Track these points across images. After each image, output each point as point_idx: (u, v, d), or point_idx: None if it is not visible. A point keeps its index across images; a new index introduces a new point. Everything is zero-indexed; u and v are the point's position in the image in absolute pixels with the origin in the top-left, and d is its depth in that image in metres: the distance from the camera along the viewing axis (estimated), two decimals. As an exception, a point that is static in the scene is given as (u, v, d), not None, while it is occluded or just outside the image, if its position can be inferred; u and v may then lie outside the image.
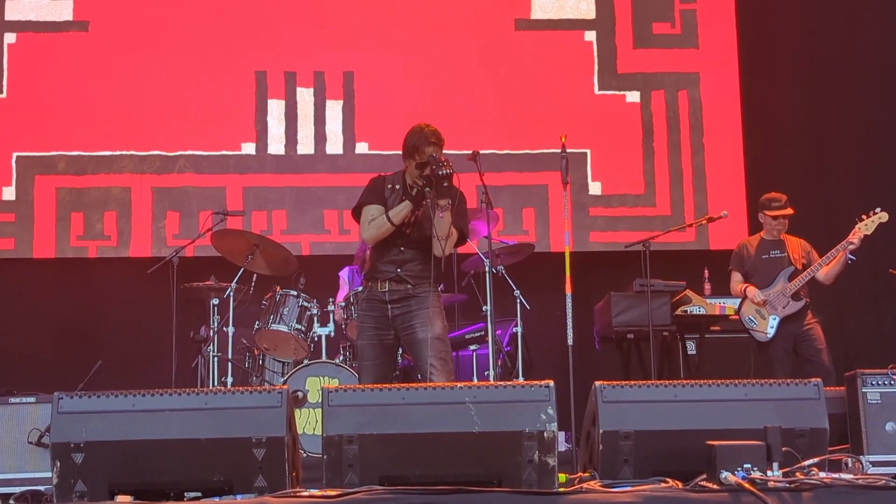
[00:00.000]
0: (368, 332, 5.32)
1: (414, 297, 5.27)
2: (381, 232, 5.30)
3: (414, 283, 5.28)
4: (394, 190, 5.38)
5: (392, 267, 5.31)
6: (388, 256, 5.33)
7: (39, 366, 8.06)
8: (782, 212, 7.11)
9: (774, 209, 7.12)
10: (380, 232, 5.30)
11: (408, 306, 5.26)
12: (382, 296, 5.30)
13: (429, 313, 5.22)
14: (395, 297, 5.28)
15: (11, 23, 8.69)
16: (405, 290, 5.28)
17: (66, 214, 8.53)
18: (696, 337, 7.80)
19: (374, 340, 5.30)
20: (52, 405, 4.17)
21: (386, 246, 5.36)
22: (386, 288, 5.30)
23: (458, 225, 5.34)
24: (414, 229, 5.31)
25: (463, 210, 5.44)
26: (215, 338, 7.08)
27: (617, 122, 8.87)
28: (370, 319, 5.32)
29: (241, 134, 8.71)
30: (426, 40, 8.85)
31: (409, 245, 5.32)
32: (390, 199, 5.35)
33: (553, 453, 4.07)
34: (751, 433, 4.07)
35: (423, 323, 5.21)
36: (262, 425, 4.13)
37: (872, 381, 6.28)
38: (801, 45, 9.07)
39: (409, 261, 5.31)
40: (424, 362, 5.16)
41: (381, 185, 5.42)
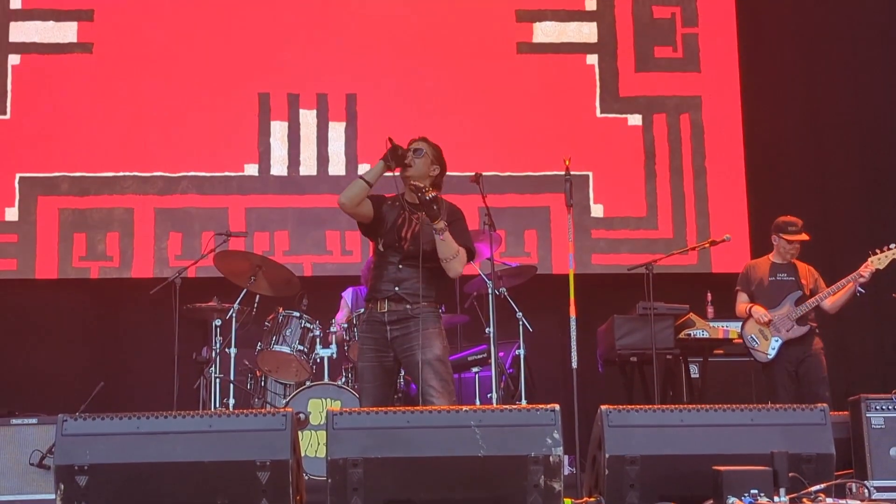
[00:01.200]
0: (368, 353, 5.26)
1: (413, 317, 5.18)
2: (355, 188, 5.21)
3: (412, 303, 5.19)
4: (393, 206, 5.35)
5: (390, 285, 5.23)
6: (386, 275, 5.26)
7: (41, 387, 8.03)
8: (798, 237, 7.10)
9: (791, 233, 7.10)
10: (351, 188, 5.22)
11: (406, 328, 5.19)
12: (381, 317, 5.23)
13: (428, 334, 5.14)
14: (394, 318, 5.20)
15: (16, 44, 8.71)
16: (404, 311, 5.20)
17: (69, 235, 8.52)
18: (700, 360, 7.78)
19: (374, 363, 5.23)
20: (56, 427, 4.17)
21: (383, 264, 5.30)
22: (385, 308, 5.22)
23: (460, 243, 5.27)
24: (411, 244, 5.24)
25: (462, 227, 5.38)
26: (217, 359, 7.06)
27: (619, 145, 8.88)
28: (370, 341, 5.26)
29: (243, 155, 8.72)
30: (429, 63, 8.88)
31: (406, 262, 5.24)
32: (388, 215, 5.32)
33: (559, 478, 4.06)
34: (757, 458, 4.07)
35: (422, 344, 5.13)
36: (266, 448, 4.12)
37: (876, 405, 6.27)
38: (802, 68, 9.10)
39: (406, 279, 5.22)
40: (424, 384, 5.10)
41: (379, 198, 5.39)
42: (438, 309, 5.36)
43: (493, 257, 6.76)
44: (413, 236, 5.25)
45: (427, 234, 5.20)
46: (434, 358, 5.12)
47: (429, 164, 5.35)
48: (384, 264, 5.30)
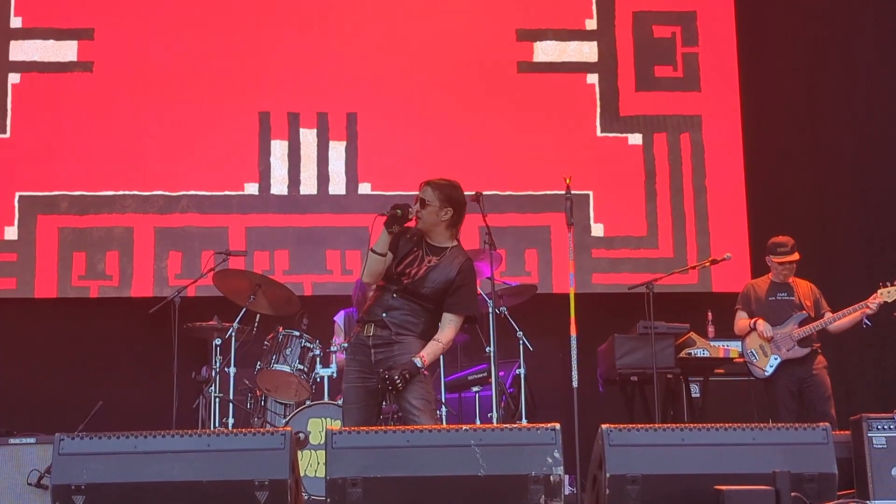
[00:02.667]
0: (352, 374, 5.18)
1: (396, 343, 5.12)
2: (371, 265, 5.13)
3: (396, 332, 5.12)
4: (410, 240, 5.25)
5: (379, 311, 5.17)
6: (379, 300, 5.21)
7: (39, 406, 8.01)
8: (788, 258, 7.11)
9: (780, 255, 7.11)
10: (369, 265, 5.13)
11: (390, 351, 5.11)
12: (367, 340, 5.16)
13: (410, 358, 5.05)
14: (379, 342, 5.13)
15: (16, 63, 8.72)
16: (388, 337, 5.13)
17: (68, 254, 8.51)
18: (700, 380, 7.76)
19: (358, 384, 5.15)
20: (53, 446, 4.15)
21: (382, 290, 5.23)
22: (371, 332, 5.16)
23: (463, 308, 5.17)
24: (412, 282, 5.15)
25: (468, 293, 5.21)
26: (217, 378, 7.03)
27: (619, 165, 8.88)
28: (355, 363, 5.19)
29: (244, 174, 8.72)
30: (429, 82, 8.88)
31: (402, 294, 5.16)
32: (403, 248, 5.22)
33: (559, 497, 4.04)
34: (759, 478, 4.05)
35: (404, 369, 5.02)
36: (265, 468, 4.11)
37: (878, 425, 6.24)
38: (802, 88, 9.11)
39: (396, 308, 5.15)
40: (406, 402, 5.02)
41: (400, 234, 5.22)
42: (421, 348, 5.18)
43: (493, 276, 6.76)
44: (417, 276, 5.15)
45: (433, 279, 5.13)
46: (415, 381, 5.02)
47: (436, 210, 5.17)
48: (383, 290, 5.23)
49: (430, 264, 5.18)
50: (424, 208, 5.16)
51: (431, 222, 5.19)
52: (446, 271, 5.16)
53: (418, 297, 5.15)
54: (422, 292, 5.14)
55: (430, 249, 5.22)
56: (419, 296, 5.14)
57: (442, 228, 5.21)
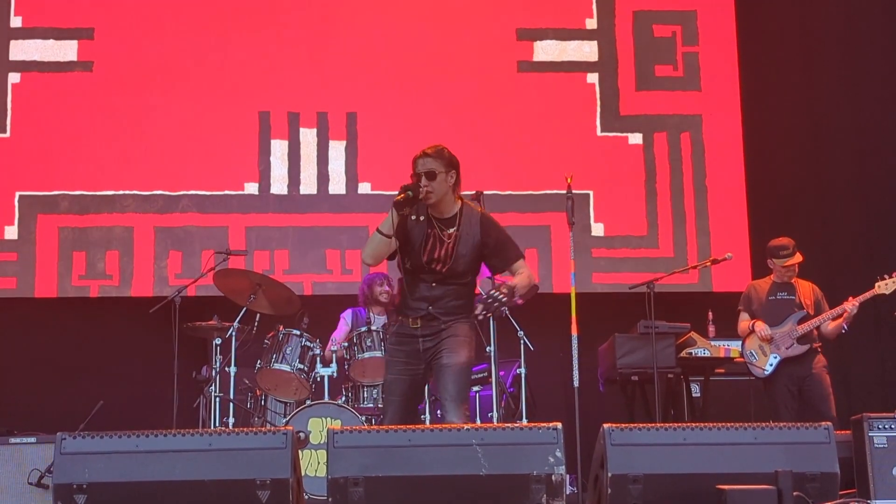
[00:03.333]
0: (398, 366, 5.10)
1: (444, 329, 5.05)
2: (377, 246, 5.03)
3: (445, 320, 5.05)
4: (418, 221, 5.10)
5: (423, 304, 5.06)
6: (418, 293, 5.08)
7: (40, 406, 8.01)
8: (790, 261, 7.10)
9: (783, 258, 7.11)
10: (375, 246, 5.04)
11: (438, 337, 5.04)
12: (414, 331, 5.07)
13: (457, 341, 5.00)
14: (427, 332, 5.06)
15: (16, 62, 8.72)
16: (437, 326, 5.05)
17: (68, 254, 8.51)
18: (701, 379, 7.76)
19: (404, 375, 5.07)
20: (54, 445, 4.14)
21: (415, 282, 5.10)
22: (418, 325, 5.06)
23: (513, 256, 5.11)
24: (444, 265, 5.05)
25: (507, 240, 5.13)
26: (217, 378, 7.03)
27: (619, 164, 8.88)
28: (401, 354, 5.10)
29: (244, 174, 8.72)
30: (429, 81, 8.88)
31: (441, 282, 5.06)
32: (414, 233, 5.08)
33: (561, 497, 4.04)
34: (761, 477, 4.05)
35: (450, 349, 5.00)
36: (266, 467, 4.10)
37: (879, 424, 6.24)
38: (803, 87, 9.10)
39: (439, 297, 5.05)
40: (442, 387, 4.99)
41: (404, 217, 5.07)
42: (468, 317, 5.13)
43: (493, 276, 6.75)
44: (447, 257, 5.05)
45: (463, 253, 5.04)
46: (457, 364, 4.98)
47: (444, 177, 5.04)
48: (416, 282, 5.10)
49: (453, 239, 5.06)
50: (434, 179, 5.00)
51: (443, 191, 5.04)
52: (470, 237, 5.07)
53: (457, 277, 5.07)
54: (459, 271, 5.06)
55: (443, 223, 5.09)
56: (458, 275, 5.07)
57: (449, 195, 5.09)
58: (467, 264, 5.08)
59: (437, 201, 5.06)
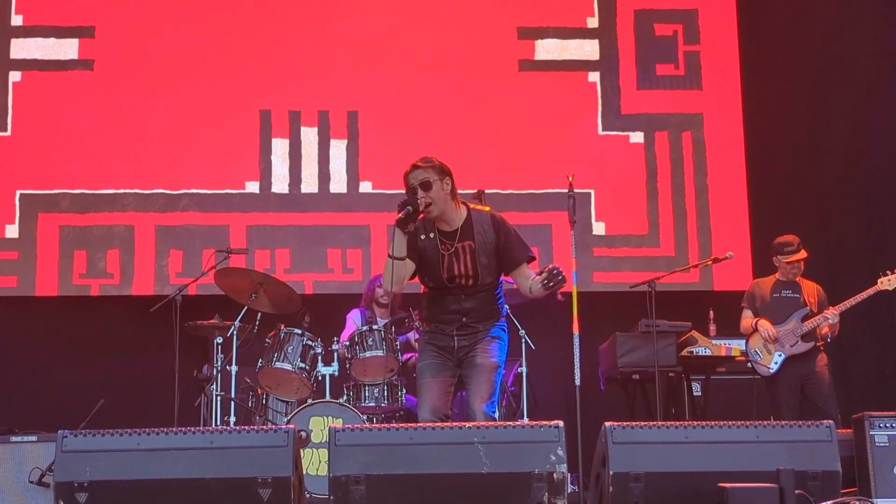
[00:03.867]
0: (431, 352, 5.09)
1: (481, 331, 5.08)
2: (396, 272, 4.92)
3: (483, 326, 5.08)
4: (428, 239, 5.07)
5: (457, 316, 5.06)
6: (450, 306, 5.07)
7: (41, 404, 8.01)
8: (795, 257, 7.09)
9: (787, 254, 7.09)
10: (394, 273, 4.92)
11: (473, 337, 5.06)
12: (451, 332, 5.07)
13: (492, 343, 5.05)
14: (462, 334, 5.07)
15: (17, 61, 8.72)
16: (472, 330, 5.07)
17: (69, 252, 8.51)
18: (702, 378, 7.76)
19: (437, 360, 5.06)
20: (56, 443, 4.13)
21: (443, 297, 5.09)
22: (454, 331, 5.07)
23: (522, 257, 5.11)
24: (471, 280, 5.03)
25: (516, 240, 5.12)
26: (218, 377, 7.03)
27: (621, 163, 8.88)
28: (434, 347, 5.09)
29: (245, 172, 8.72)
30: (430, 80, 8.88)
31: (471, 295, 5.07)
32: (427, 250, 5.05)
33: (563, 495, 4.04)
34: (762, 475, 4.05)
35: (484, 351, 5.02)
36: (268, 465, 4.09)
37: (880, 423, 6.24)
38: (804, 86, 9.10)
39: (472, 309, 5.06)
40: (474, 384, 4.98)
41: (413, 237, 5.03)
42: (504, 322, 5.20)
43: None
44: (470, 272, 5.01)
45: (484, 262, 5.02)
46: (491, 365, 5.00)
47: (440, 187, 4.98)
48: (443, 296, 5.09)
49: (468, 251, 5.03)
50: (430, 189, 4.94)
51: (442, 199, 4.98)
52: (487, 242, 5.04)
53: (486, 286, 5.08)
54: (488, 281, 5.07)
55: (454, 236, 5.04)
56: (487, 285, 5.07)
57: (450, 202, 5.03)
58: (491, 270, 5.08)
59: (440, 212, 5.01)
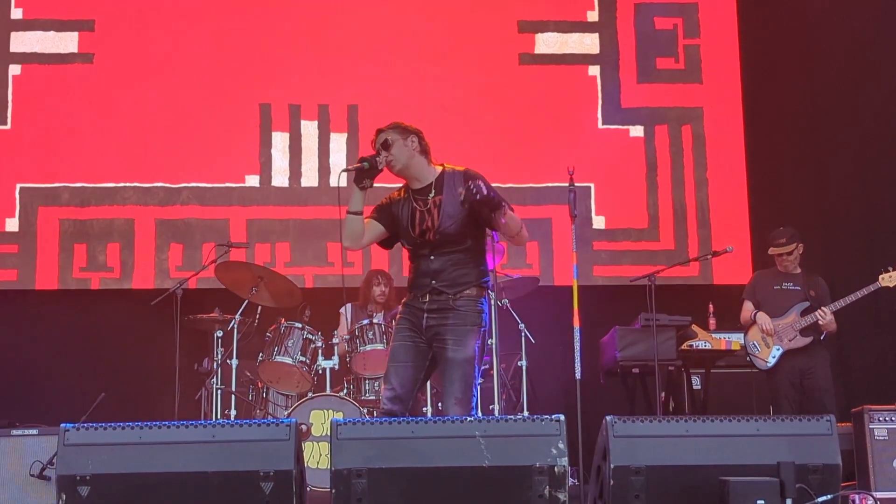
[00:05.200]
0: (403, 332, 4.99)
1: (453, 309, 4.91)
2: (349, 225, 4.96)
3: (454, 293, 4.92)
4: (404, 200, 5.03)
5: (427, 279, 4.96)
6: (421, 268, 4.99)
7: (42, 398, 8.01)
8: (781, 249, 7.09)
9: (778, 245, 7.11)
10: (347, 227, 4.97)
11: (444, 318, 4.91)
12: (422, 304, 4.95)
13: (464, 331, 4.89)
14: (434, 307, 4.93)
15: (17, 54, 8.72)
16: (445, 301, 4.92)
17: (69, 246, 8.52)
18: (702, 372, 7.77)
19: (409, 342, 4.97)
20: (58, 437, 4.13)
21: (416, 260, 5.02)
22: (426, 299, 4.95)
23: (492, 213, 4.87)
24: (436, 233, 4.93)
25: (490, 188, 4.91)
26: (219, 370, 7.04)
27: (621, 157, 8.89)
28: (406, 323, 4.99)
29: (245, 166, 8.72)
30: (430, 74, 8.88)
31: (438, 252, 4.95)
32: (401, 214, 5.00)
33: (564, 488, 4.04)
34: (763, 469, 4.04)
35: (456, 342, 4.88)
36: (270, 458, 4.09)
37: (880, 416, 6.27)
38: (803, 79, 9.10)
39: (441, 269, 4.93)
40: (449, 384, 4.89)
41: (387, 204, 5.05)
42: (482, 297, 5.01)
43: (495, 269, 6.75)
44: (437, 225, 4.92)
45: (451, 213, 4.91)
46: (464, 359, 4.88)
47: (402, 143, 4.95)
48: (416, 260, 5.03)
49: (437, 204, 4.95)
50: (390, 148, 4.94)
51: (406, 156, 4.96)
52: (454, 195, 4.93)
53: (453, 243, 4.95)
54: (450, 234, 4.92)
55: (423, 192, 4.99)
56: (452, 240, 4.94)
57: (418, 158, 4.99)
58: (459, 226, 4.93)
59: (404, 167, 4.98)
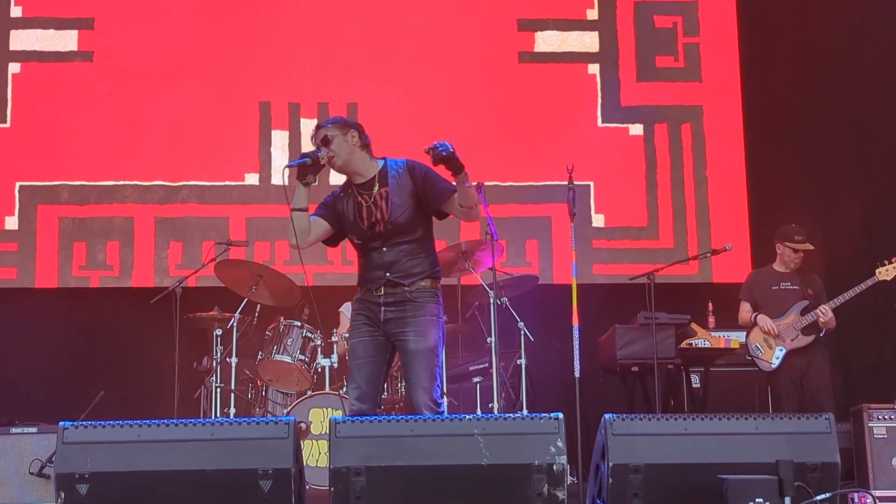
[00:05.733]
0: (361, 328, 5.00)
1: (410, 301, 4.94)
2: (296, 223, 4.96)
3: (409, 284, 4.94)
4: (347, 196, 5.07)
5: (381, 272, 4.96)
6: (373, 262, 4.99)
7: (41, 396, 8.00)
8: (804, 246, 7.09)
9: (797, 242, 7.09)
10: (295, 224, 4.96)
11: (402, 311, 4.94)
12: (377, 298, 4.96)
13: (424, 322, 4.92)
14: (391, 300, 4.95)
15: (16, 52, 8.72)
16: (402, 293, 4.94)
17: (69, 244, 8.52)
18: (701, 370, 7.77)
19: (367, 337, 4.98)
20: (57, 435, 4.14)
21: (367, 254, 5.02)
22: (381, 292, 4.96)
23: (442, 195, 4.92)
24: (387, 224, 4.94)
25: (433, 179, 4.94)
26: (218, 368, 7.03)
27: (620, 155, 8.88)
28: (362, 318, 5.00)
29: (244, 164, 8.72)
30: (430, 72, 8.87)
31: (389, 244, 4.96)
32: (346, 209, 5.04)
33: (563, 486, 4.04)
34: (761, 467, 4.05)
35: (417, 332, 4.90)
36: (268, 457, 4.10)
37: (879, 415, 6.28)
38: (803, 78, 9.09)
39: (395, 261, 4.94)
40: (414, 376, 4.91)
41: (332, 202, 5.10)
42: (437, 289, 5.04)
43: (494, 267, 6.76)
44: (386, 216, 4.93)
45: (399, 203, 4.93)
46: (427, 349, 4.90)
47: (342, 138, 4.98)
48: (367, 253, 5.02)
49: (384, 196, 4.97)
50: (330, 144, 4.96)
51: (347, 151, 4.98)
52: (400, 184, 4.96)
53: (403, 233, 4.96)
54: (402, 224, 4.94)
55: (367, 186, 5.01)
56: (403, 230, 4.95)
57: (359, 153, 5.01)
58: (409, 215, 4.95)
59: (344, 163, 5.00)
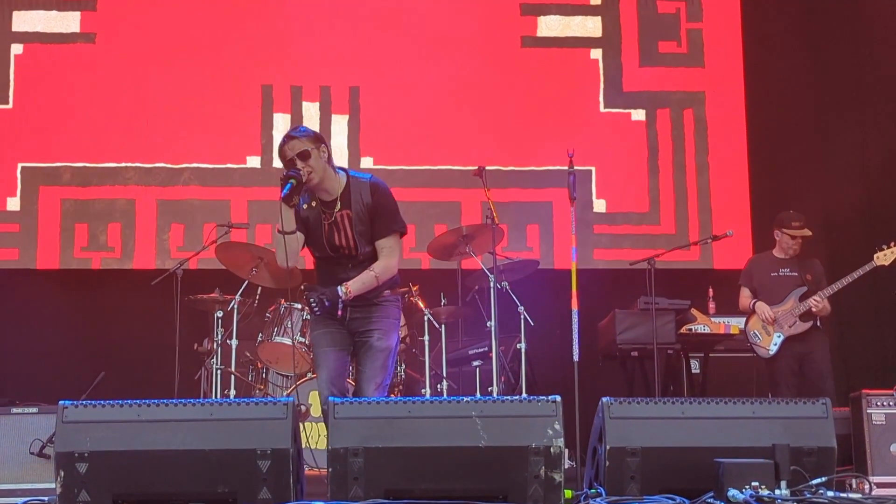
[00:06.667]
0: (321, 322, 5.04)
1: (377, 305, 5.02)
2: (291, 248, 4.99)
3: (374, 296, 5.01)
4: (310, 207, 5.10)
5: None
6: (338, 275, 5.01)
7: (42, 377, 8.02)
8: (802, 232, 7.09)
9: (795, 228, 7.10)
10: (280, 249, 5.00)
11: (368, 312, 5.01)
12: None
13: (389, 323, 5.01)
14: (357, 305, 5.00)
15: (19, 34, 8.71)
16: (367, 300, 5.00)
17: (71, 225, 8.52)
18: (701, 356, 7.78)
19: (331, 328, 5.01)
20: (56, 414, 4.16)
21: (331, 266, 5.06)
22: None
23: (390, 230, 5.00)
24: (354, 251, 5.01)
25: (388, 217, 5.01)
26: (218, 350, 7.05)
27: (622, 140, 8.87)
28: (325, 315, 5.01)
29: (246, 147, 8.71)
30: (432, 56, 8.86)
31: (356, 265, 5.02)
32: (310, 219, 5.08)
33: (560, 469, 4.06)
34: (758, 451, 4.07)
35: (382, 332, 4.98)
36: (267, 437, 4.12)
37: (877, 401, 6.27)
38: (806, 64, 9.08)
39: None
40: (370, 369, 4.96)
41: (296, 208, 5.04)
42: (397, 296, 5.14)
43: (495, 251, 6.77)
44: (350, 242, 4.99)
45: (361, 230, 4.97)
46: (388, 348, 4.99)
47: (317, 154, 4.98)
48: (331, 266, 5.07)
49: (349, 219, 4.99)
50: (308, 158, 4.96)
51: (322, 168, 4.99)
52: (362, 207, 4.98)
53: (368, 255, 5.01)
54: (370, 251, 5.01)
55: (332, 205, 5.02)
56: (367, 253, 5.01)
57: (329, 170, 5.03)
58: (370, 239, 5.02)
59: (321, 183, 5.00)
